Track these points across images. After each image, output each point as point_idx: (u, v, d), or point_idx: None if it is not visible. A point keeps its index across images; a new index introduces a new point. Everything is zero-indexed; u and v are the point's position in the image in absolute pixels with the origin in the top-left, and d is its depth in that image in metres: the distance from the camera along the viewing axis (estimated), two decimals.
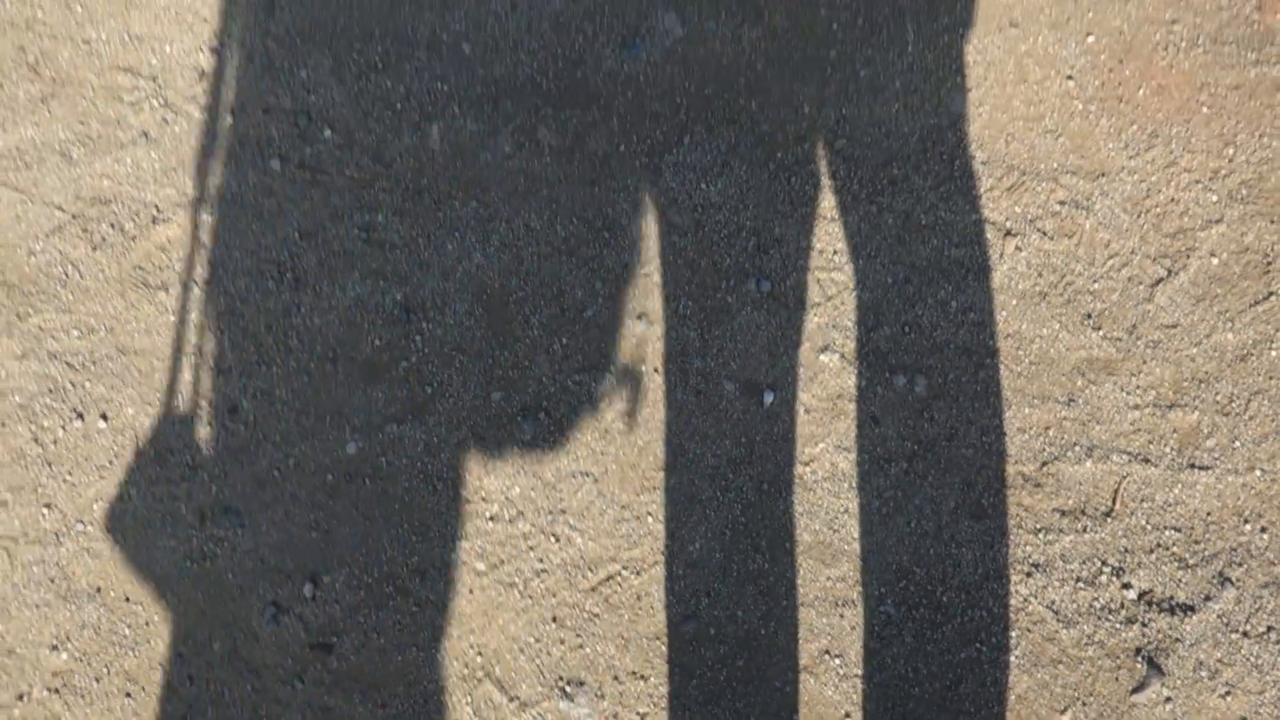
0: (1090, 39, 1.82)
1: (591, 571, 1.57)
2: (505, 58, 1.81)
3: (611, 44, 1.82)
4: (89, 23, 1.85)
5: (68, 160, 1.77)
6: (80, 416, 1.66)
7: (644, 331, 1.67)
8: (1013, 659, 1.51)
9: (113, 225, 1.75)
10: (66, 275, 1.73)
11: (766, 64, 1.82)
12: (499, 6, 1.84)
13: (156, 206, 1.75)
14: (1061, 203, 1.74)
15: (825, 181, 1.75)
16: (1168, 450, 1.61)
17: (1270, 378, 1.63)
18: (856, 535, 1.58)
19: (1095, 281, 1.69)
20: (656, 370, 1.65)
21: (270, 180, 1.76)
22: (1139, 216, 1.73)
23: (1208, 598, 1.54)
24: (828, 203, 1.75)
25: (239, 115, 1.79)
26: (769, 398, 1.64)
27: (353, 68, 1.81)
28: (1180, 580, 1.56)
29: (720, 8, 1.85)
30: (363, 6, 1.84)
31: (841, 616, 1.55)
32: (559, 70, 1.80)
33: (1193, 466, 1.60)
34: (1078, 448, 1.62)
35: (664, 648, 1.52)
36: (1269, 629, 1.52)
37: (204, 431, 1.65)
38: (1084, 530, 1.58)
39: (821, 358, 1.67)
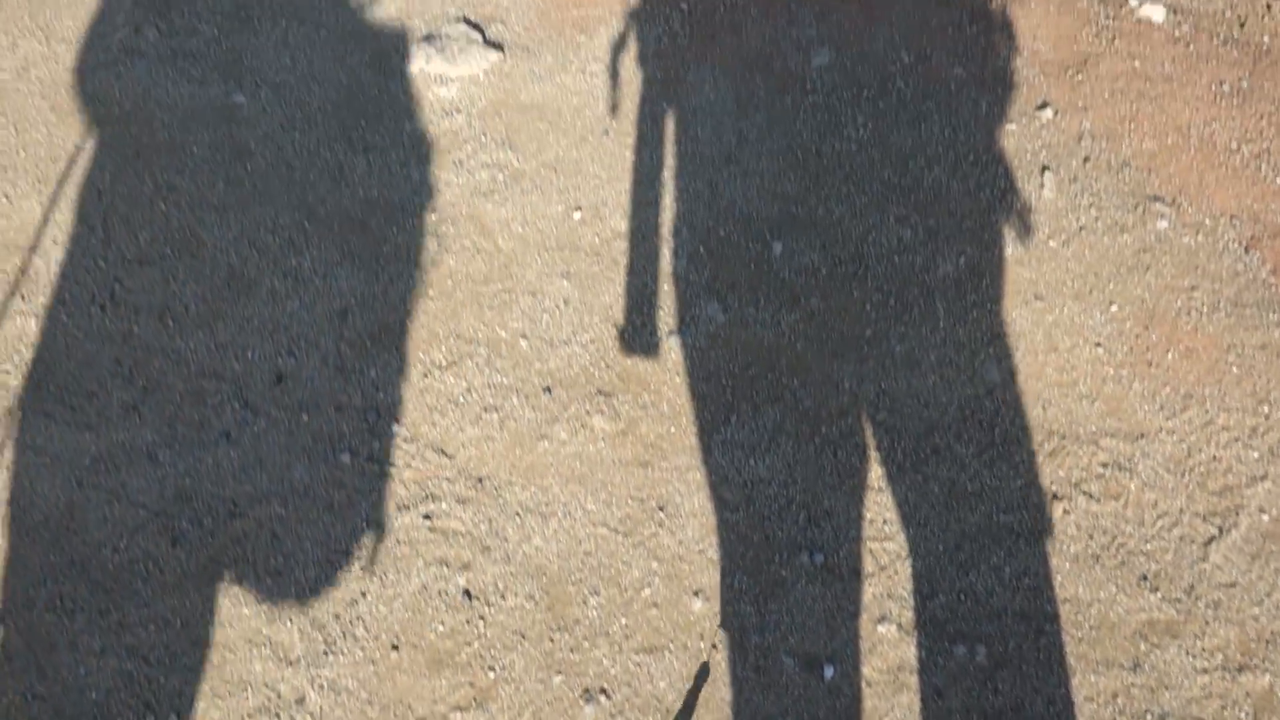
0: (1114, 308, 2.53)
1: None
2: (560, 351, 2.57)
3: (659, 332, 2.57)
4: (179, 335, 2.66)
5: (154, 462, 2.50)
6: (153, 712, 2.25)
7: (701, 609, 2.26)
8: None
9: (191, 521, 2.44)
10: (147, 571, 2.39)
11: (806, 344, 2.54)
12: (552, 304, 2.63)
13: (233, 501, 2.45)
14: (1104, 465, 2.35)
15: (870, 453, 2.40)
16: (1243, 716, 2.09)
17: None
18: None
19: (1147, 542, 2.27)
20: (715, 647, 2.22)
21: (340, 473, 2.46)
22: (1183, 476, 2.32)
23: None
24: (874, 473, 2.38)
25: (313, 413, 2.53)
26: (829, 672, 2.18)
27: (419, 366, 2.57)
28: None
29: (759, 295, 2.61)
30: (428, 311, 2.64)
31: None
32: (610, 359, 2.54)
33: None
34: (1149, 716, 2.11)
35: None
36: None
37: None
38: None
39: (879, 629, 2.22)
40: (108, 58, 2.90)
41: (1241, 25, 2.81)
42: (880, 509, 2.21)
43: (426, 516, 2.26)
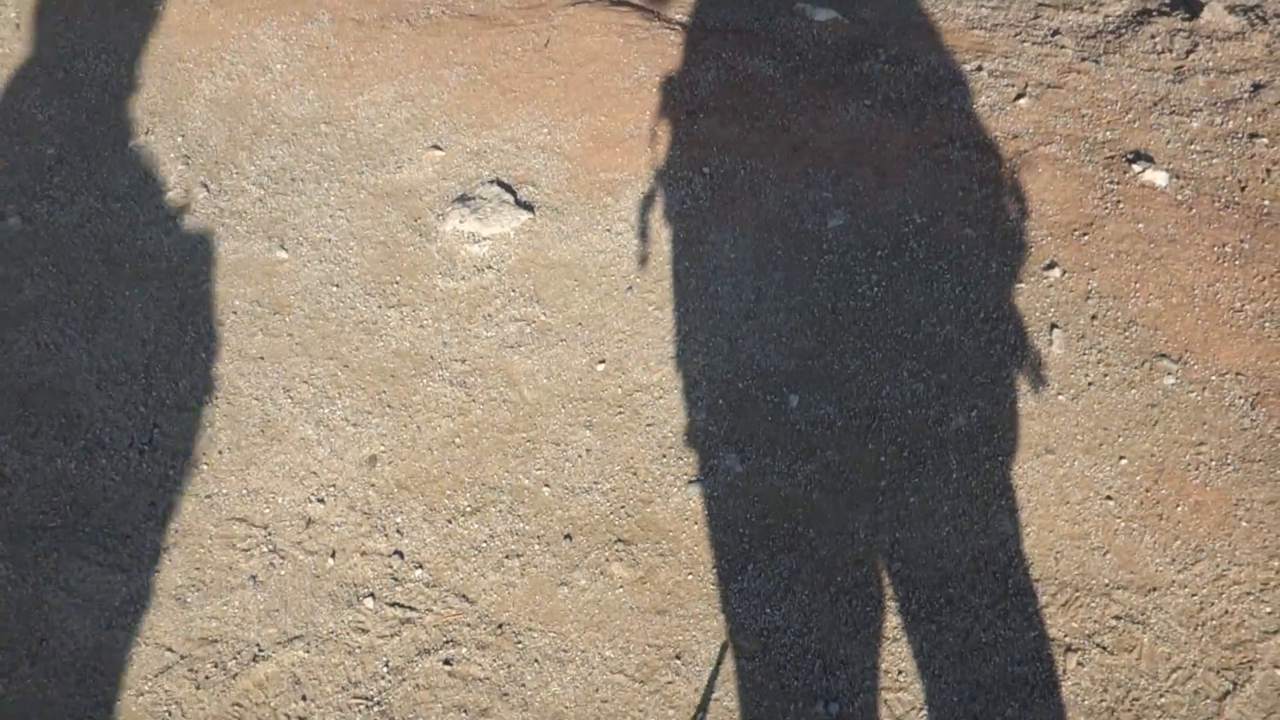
0: (1123, 461, 2.75)
1: None
2: (581, 499, 2.80)
3: (679, 481, 2.81)
4: (212, 479, 2.92)
5: (182, 604, 2.72)
6: None
7: None
8: None
9: (216, 664, 2.64)
10: (169, 714, 2.58)
11: (822, 494, 2.77)
12: (575, 453, 2.88)
13: (258, 645, 2.66)
14: (1117, 618, 2.53)
15: (885, 603, 2.60)
16: None
17: None
18: None
19: (1161, 696, 2.42)
20: None
21: (363, 618, 2.67)
22: (1196, 629, 2.50)
23: None
24: (889, 623, 2.57)
25: (339, 557, 2.76)
26: None
27: (443, 512, 2.81)
28: None
29: (776, 446, 2.86)
30: (454, 458, 2.90)
31: None
32: (631, 508, 2.77)
33: None
34: None
35: None
36: None
37: None
38: None
39: None
40: (159, 215, 3.28)
41: (1242, 189, 3.12)
42: (895, 659, 2.39)
43: (447, 662, 2.46)
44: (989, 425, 2.67)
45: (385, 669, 2.45)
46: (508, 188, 3.27)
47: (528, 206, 3.21)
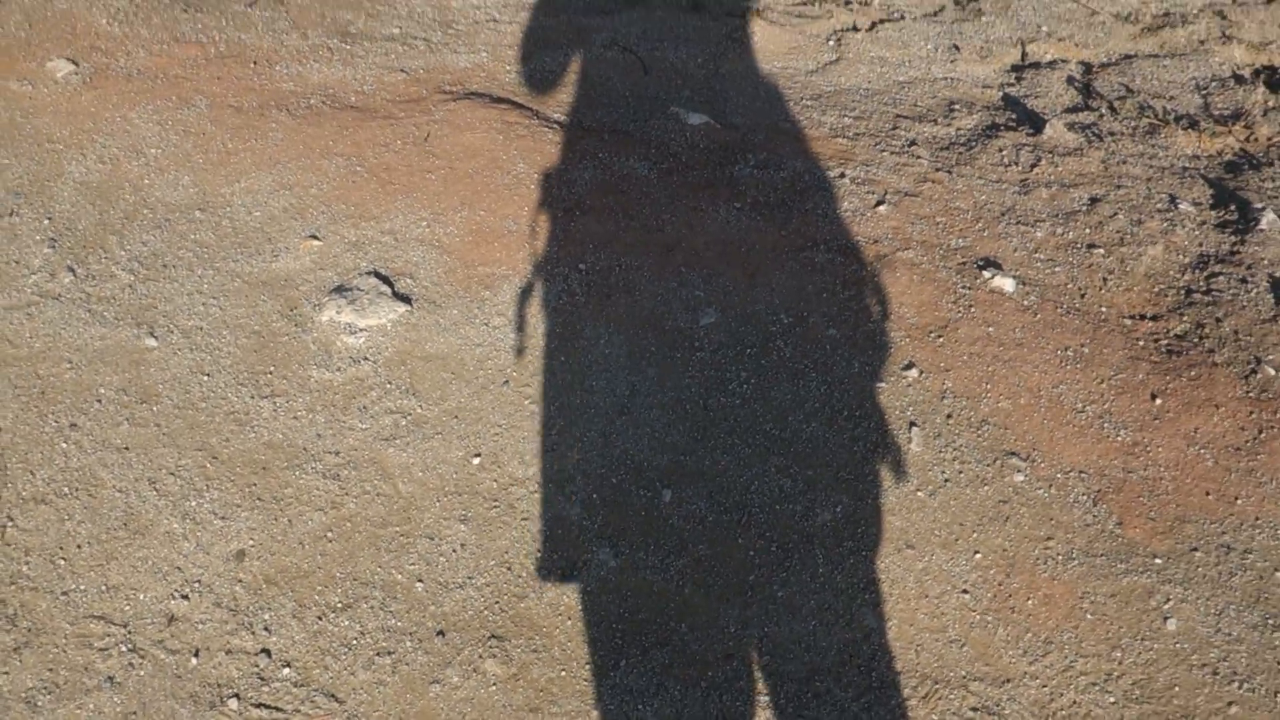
0: (978, 556, 2.89)
1: None
2: (455, 594, 2.80)
3: (552, 577, 2.84)
4: (70, 575, 2.82)
5: (32, 708, 2.61)
6: None
7: None
8: None
9: None
10: None
11: (693, 589, 2.83)
12: (449, 548, 2.89)
13: None
14: (974, 709, 2.64)
15: (755, 697, 2.65)
16: None
17: None
18: None
19: None
20: None
21: None
22: None
23: None
24: (759, 718, 2.63)
25: (203, 656, 2.69)
26: None
27: (313, 609, 2.77)
28: None
29: (649, 540, 2.92)
30: (325, 553, 2.87)
31: None
32: (504, 603, 2.79)
33: None
34: None
35: None
36: None
37: None
38: None
39: None
40: (21, 299, 3.20)
41: (1082, 296, 3.36)
42: None
43: None
44: (853, 520, 2.78)
45: None
46: (386, 279, 3.31)
47: (405, 299, 3.24)
